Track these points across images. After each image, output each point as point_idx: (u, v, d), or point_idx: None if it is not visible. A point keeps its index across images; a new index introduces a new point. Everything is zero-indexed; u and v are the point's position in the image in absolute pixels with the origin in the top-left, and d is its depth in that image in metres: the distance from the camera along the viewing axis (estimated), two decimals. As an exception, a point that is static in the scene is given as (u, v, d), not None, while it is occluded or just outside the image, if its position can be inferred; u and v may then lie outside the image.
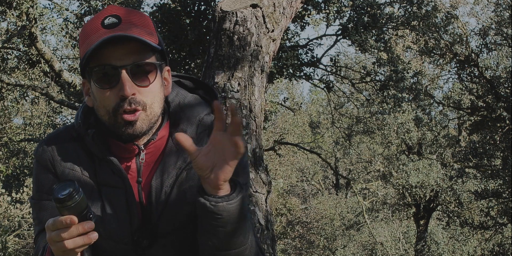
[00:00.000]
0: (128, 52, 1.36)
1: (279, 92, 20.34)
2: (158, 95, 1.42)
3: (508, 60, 11.42)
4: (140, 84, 1.38)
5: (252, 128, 3.48)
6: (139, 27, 1.40)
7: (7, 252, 8.03)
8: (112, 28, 1.37)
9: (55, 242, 1.23)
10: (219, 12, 3.65)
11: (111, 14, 1.40)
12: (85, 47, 1.38)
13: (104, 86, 1.38)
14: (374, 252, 17.49)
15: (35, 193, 1.52)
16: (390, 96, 8.78)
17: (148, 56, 1.39)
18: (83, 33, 1.42)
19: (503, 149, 12.08)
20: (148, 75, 1.39)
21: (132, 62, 1.36)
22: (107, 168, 1.47)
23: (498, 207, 13.58)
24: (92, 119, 1.47)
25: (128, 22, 1.39)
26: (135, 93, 1.37)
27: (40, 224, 1.49)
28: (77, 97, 9.67)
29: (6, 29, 9.15)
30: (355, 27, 8.29)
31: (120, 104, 1.37)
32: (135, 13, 1.43)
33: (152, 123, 1.42)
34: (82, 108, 1.51)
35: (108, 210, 1.47)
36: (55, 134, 1.53)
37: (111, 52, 1.36)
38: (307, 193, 24.02)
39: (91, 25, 1.41)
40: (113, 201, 1.47)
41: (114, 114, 1.38)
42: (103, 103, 1.39)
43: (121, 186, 1.46)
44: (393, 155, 15.29)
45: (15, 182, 10.88)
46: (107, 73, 1.37)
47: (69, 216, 1.20)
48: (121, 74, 1.36)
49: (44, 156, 1.49)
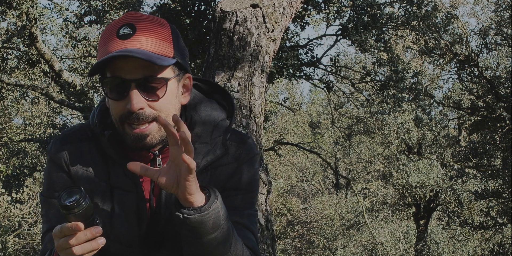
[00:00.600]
0: (139, 66, 1.35)
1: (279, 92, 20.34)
2: (172, 106, 1.41)
3: (508, 60, 11.42)
4: (150, 99, 1.37)
5: (252, 128, 3.48)
6: (153, 39, 1.37)
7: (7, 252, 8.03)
8: (125, 39, 1.36)
9: (63, 249, 1.23)
10: (219, 12, 3.65)
11: (127, 23, 1.38)
12: (100, 55, 1.38)
13: (114, 97, 1.38)
14: (374, 252, 17.49)
15: (45, 190, 1.51)
16: (390, 96, 8.77)
17: (160, 70, 1.37)
18: (102, 39, 1.42)
19: (503, 149, 12.08)
20: (157, 90, 1.38)
21: (142, 76, 1.35)
22: (120, 171, 1.46)
23: (498, 207, 13.58)
24: (110, 120, 1.46)
25: (143, 34, 1.37)
26: (143, 108, 1.36)
27: (48, 221, 1.49)
28: (77, 97, 9.67)
29: (6, 29, 9.15)
30: (355, 27, 8.29)
31: (127, 116, 1.37)
32: (153, 22, 1.41)
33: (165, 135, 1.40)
34: (99, 107, 1.50)
35: (118, 213, 1.46)
36: (71, 133, 1.52)
37: (123, 64, 1.35)
38: (307, 193, 24.02)
39: (108, 33, 1.40)
40: (123, 204, 1.46)
41: (121, 123, 1.38)
42: (113, 112, 1.40)
43: (133, 190, 1.46)
44: (393, 155, 15.29)
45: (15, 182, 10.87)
46: (117, 85, 1.37)
47: (75, 223, 1.19)
48: (130, 88, 1.35)
49: (58, 154, 1.48)
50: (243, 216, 1.50)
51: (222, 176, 1.48)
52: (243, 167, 1.52)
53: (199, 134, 1.48)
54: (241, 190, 1.51)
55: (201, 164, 1.47)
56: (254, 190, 1.55)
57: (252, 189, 1.54)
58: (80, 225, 1.19)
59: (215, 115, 1.51)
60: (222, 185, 1.49)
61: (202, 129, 1.48)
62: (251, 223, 1.52)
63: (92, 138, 1.48)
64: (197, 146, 1.48)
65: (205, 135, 1.48)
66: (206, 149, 1.48)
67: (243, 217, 1.50)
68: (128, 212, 1.46)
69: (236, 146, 1.52)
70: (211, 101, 1.54)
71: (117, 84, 1.36)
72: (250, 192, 1.54)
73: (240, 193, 1.51)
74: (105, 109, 1.48)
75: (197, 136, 1.48)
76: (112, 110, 1.40)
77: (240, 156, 1.52)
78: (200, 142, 1.48)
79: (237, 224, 1.47)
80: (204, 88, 1.59)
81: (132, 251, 1.49)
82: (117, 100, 1.37)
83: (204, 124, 1.49)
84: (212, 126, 1.49)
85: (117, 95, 1.37)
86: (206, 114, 1.50)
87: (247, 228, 1.50)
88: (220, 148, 1.48)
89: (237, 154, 1.52)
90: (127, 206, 1.46)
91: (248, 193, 1.54)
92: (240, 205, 1.51)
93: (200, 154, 1.47)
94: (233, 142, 1.53)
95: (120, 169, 1.46)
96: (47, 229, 1.49)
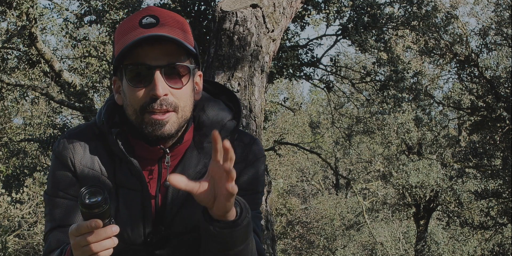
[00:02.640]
0: (164, 53, 1.36)
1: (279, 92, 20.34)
2: (190, 99, 1.42)
3: (508, 60, 11.42)
4: (174, 86, 1.38)
5: (252, 128, 3.48)
6: (176, 29, 1.39)
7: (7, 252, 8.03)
8: (150, 28, 1.37)
9: (80, 247, 1.22)
10: (219, 12, 3.65)
11: (149, 14, 1.39)
12: (121, 45, 1.38)
13: (136, 84, 1.37)
14: (374, 252, 17.49)
15: (50, 189, 1.51)
16: (390, 96, 8.77)
17: (183, 59, 1.39)
18: (119, 31, 1.42)
19: (503, 149, 12.08)
20: (182, 78, 1.39)
21: (167, 63, 1.36)
22: (126, 169, 1.46)
23: (498, 207, 13.58)
24: (117, 118, 1.46)
25: (166, 23, 1.38)
26: (167, 94, 1.36)
27: (52, 221, 1.48)
28: (77, 97, 9.67)
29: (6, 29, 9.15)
30: (355, 27, 8.28)
31: (150, 103, 1.36)
32: (173, 15, 1.43)
33: (182, 126, 1.42)
34: (106, 106, 1.50)
35: (123, 211, 1.46)
36: (77, 131, 1.52)
37: (147, 52, 1.35)
38: (307, 193, 24.02)
39: (129, 24, 1.40)
40: (129, 203, 1.46)
41: (142, 113, 1.38)
42: (132, 102, 1.39)
43: (139, 189, 1.46)
44: (393, 155, 15.29)
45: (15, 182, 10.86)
46: (140, 72, 1.37)
47: (95, 220, 1.19)
48: (154, 74, 1.35)
49: (64, 153, 1.48)
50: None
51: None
52: (250, 168, 1.53)
53: (207, 134, 1.49)
54: (247, 190, 1.52)
55: (208, 163, 1.45)
56: (260, 191, 1.56)
57: (258, 190, 1.55)
58: (99, 222, 1.19)
59: (222, 116, 1.52)
60: None
61: (210, 129, 1.49)
62: (257, 226, 1.53)
63: (99, 137, 1.48)
64: (205, 146, 1.48)
65: None
66: None
67: None
68: (133, 210, 1.46)
69: (243, 147, 1.53)
70: (218, 102, 1.55)
71: (141, 71, 1.36)
72: (256, 193, 1.55)
73: (246, 193, 1.51)
74: (112, 108, 1.48)
75: (205, 136, 1.49)
76: (131, 99, 1.39)
77: (247, 157, 1.52)
78: (207, 142, 1.49)
79: None
80: (210, 89, 1.59)
81: (137, 249, 1.49)
82: (139, 87, 1.37)
83: (211, 124, 1.49)
84: (220, 126, 1.50)
85: (140, 82, 1.37)
86: (214, 114, 1.51)
87: (254, 231, 1.50)
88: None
89: (244, 155, 1.52)
90: (132, 205, 1.46)
91: (254, 194, 1.54)
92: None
93: (208, 154, 1.48)
94: (241, 142, 1.53)
95: (125, 168, 1.46)
96: (51, 228, 1.49)
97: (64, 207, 1.46)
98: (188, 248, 1.51)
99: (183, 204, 1.46)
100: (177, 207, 1.46)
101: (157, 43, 1.34)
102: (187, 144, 1.48)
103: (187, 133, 1.47)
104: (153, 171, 1.47)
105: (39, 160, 13.24)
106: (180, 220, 1.47)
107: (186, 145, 1.48)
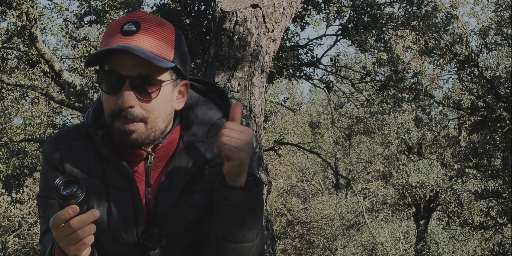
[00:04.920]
0: (137, 63, 1.34)
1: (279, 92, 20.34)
2: (163, 110, 1.40)
3: (508, 60, 11.42)
4: (142, 98, 1.37)
5: (252, 128, 3.48)
6: (155, 40, 1.37)
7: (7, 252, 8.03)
8: (128, 35, 1.35)
9: (64, 237, 1.24)
10: (219, 12, 3.65)
11: (133, 20, 1.38)
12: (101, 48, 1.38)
13: (107, 91, 1.38)
14: (374, 252, 17.49)
15: (42, 191, 1.52)
16: (390, 96, 8.77)
17: (157, 71, 1.37)
18: (106, 32, 1.42)
19: (503, 149, 12.07)
20: (152, 91, 1.37)
21: (138, 74, 1.35)
22: (115, 170, 1.46)
23: (498, 207, 13.57)
24: (103, 119, 1.46)
25: (146, 33, 1.37)
26: (134, 106, 1.36)
27: (46, 222, 1.49)
28: (77, 97, 9.67)
29: (6, 29, 9.15)
30: (355, 27, 8.29)
31: (118, 113, 1.36)
32: (159, 24, 1.40)
33: (153, 136, 1.41)
34: (94, 107, 1.50)
35: (114, 212, 1.47)
36: (65, 133, 1.52)
37: (121, 60, 1.35)
38: (307, 193, 24.02)
39: (114, 27, 1.39)
40: (119, 203, 1.47)
41: (112, 119, 1.38)
42: (105, 106, 1.40)
43: (128, 189, 1.46)
44: (393, 155, 15.28)
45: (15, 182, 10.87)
46: (112, 79, 1.36)
47: (71, 206, 1.21)
48: (124, 84, 1.35)
49: (53, 154, 1.48)
50: None
51: (219, 175, 1.48)
52: None
53: (196, 133, 1.49)
54: None
55: (198, 163, 1.47)
56: None
57: None
58: (76, 208, 1.21)
59: (211, 114, 1.52)
60: None
61: (199, 128, 1.49)
62: None
63: (87, 138, 1.48)
64: (195, 145, 1.48)
65: (202, 134, 1.49)
66: (204, 148, 1.48)
67: None
68: (124, 210, 1.46)
69: None
70: (207, 101, 1.55)
71: (113, 78, 1.36)
72: None
73: None
74: (99, 108, 1.48)
75: (194, 135, 1.49)
76: (105, 104, 1.40)
77: None
78: (197, 141, 1.49)
79: None
80: (199, 88, 1.59)
81: (130, 250, 1.49)
82: (110, 94, 1.37)
83: (200, 124, 1.50)
84: (209, 125, 1.50)
85: (110, 89, 1.37)
86: (203, 113, 1.51)
87: None
88: (217, 147, 1.47)
89: None
90: (123, 205, 1.46)
91: None
92: None
93: (198, 153, 1.48)
94: None
95: (114, 168, 1.46)
96: (45, 230, 1.50)
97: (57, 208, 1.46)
98: (182, 248, 1.51)
99: (175, 205, 1.46)
100: (169, 208, 1.46)
101: (130, 53, 1.33)
102: (174, 144, 1.48)
103: (170, 134, 1.46)
104: (137, 172, 1.47)
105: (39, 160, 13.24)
106: (173, 221, 1.47)
107: (173, 145, 1.48)
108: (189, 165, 1.47)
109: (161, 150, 1.46)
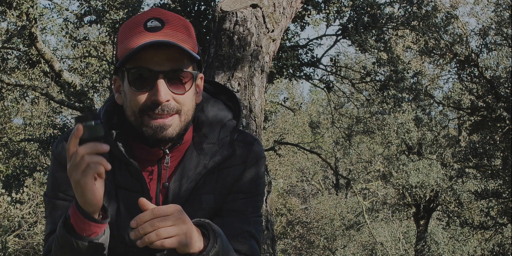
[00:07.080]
0: (168, 58, 1.35)
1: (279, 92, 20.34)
2: (192, 103, 1.42)
3: (508, 60, 11.42)
4: (176, 92, 1.37)
5: (252, 128, 3.48)
6: (181, 34, 1.38)
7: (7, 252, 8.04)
8: (155, 31, 1.36)
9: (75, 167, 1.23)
10: (219, 12, 3.65)
11: (155, 16, 1.38)
12: (125, 47, 1.37)
13: (138, 88, 1.37)
14: (374, 252, 17.49)
15: (49, 191, 1.49)
16: (390, 96, 8.77)
17: (186, 64, 1.38)
18: (124, 31, 1.41)
19: (503, 149, 12.07)
20: (184, 83, 1.38)
21: (170, 68, 1.35)
22: (125, 171, 1.45)
23: (498, 207, 13.57)
24: (115, 119, 1.46)
25: (171, 28, 1.38)
26: (169, 100, 1.36)
27: (52, 222, 1.47)
28: (77, 97, 9.67)
29: (6, 29, 9.15)
30: (355, 27, 8.29)
31: (151, 107, 1.36)
32: (179, 18, 1.42)
33: (183, 129, 1.41)
34: (105, 107, 1.49)
35: (123, 213, 1.46)
36: None
37: (151, 56, 1.35)
38: (307, 193, 24.02)
39: (134, 25, 1.39)
40: (129, 204, 1.46)
41: (141, 115, 1.37)
42: (132, 104, 1.38)
43: (139, 190, 1.45)
44: (393, 155, 15.28)
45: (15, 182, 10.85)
46: (143, 76, 1.36)
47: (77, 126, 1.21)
48: (157, 79, 1.35)
49: (63, 154, 1.45)
50: (250, 223, 1.50)
51: (228, 178, 1.48)
52: (250, 170, 1.51)
53: (206, 135, 1.48)
54: (247, 193, 1.51)
55: (208, 165, 1.46)
56: (260, 193, 1.54)
57: (257, 192, 1.54)
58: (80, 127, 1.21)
59: (222, 116, 1.51)
60: (228, 188, 1.49)
61: (210, 129, 1.48)
62: (257, 231, 1.52)
63: None
64: (205, 147, 1.47)
65: (212, 136, 1.48)
66: (214, 150, 1.48)
67: (250, 224, 1.50)
68: (133, 212, 1.43)
69: (243, 147, 1.52)
70: (217, 102, 1.55)
71: (143, 75, 1.36)
72: (256, 195, 1.54)
73: (246, 196, 1.51)
74: (111, 109, 1.47)
75: (204, 136, 1.48)
76: (132, 101, 1.38)
77: (247, 158, 1.51)
78: (207, 143, 1.48)
79: (243, 232, 1.47)
80: (209, 89, 1.59)
81: (137, 251, 1.48)
82: (141, 91, 1.36)
83: (211, 125, 1.49)
84: (220, 126, 1.49)
85: (141, 86, 1.36)
86: (213, 115, 1.50)
87: (253, 237, 1.50)
88: (227, 148, 1.47)
89: (244, 156, 1.51)
90: (132, 206, 1.44)
91: (254, 197, 1.53)
92: (246, 208, 1.50)
93: (208, 155, 1.47)
94: (241, 143, 1.52)
95: (125, 169, 1.45)
96: (51, 230, 1.47)
97: (65, 209, 1.44)
98: None
99: (184, 205, 1.46)
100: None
101: (161, 48, 1.33)
102: (187, 144, 1.47)
103: (186, 133, 1.46)
104: (153, 172, 1.46)
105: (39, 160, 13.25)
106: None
107: (185, 146, 1.47)
108: (199, 167, 1.46)
109: (176, 150, 1.45)
